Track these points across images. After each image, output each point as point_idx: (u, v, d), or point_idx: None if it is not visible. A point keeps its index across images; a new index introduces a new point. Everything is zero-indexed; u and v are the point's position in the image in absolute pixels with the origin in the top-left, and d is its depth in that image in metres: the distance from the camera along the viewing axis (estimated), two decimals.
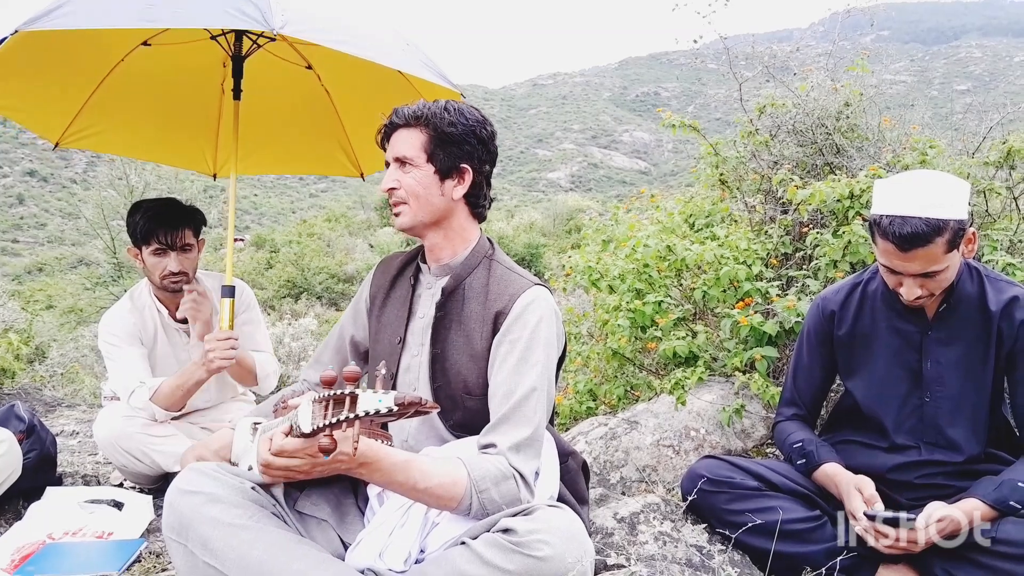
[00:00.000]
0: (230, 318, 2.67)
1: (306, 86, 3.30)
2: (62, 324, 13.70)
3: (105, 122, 3.21)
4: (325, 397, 1.25)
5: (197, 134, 3.49)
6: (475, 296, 1.80)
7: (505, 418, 1.65)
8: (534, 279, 1.82)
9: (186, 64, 3.13)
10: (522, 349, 1.70)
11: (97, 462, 3.35)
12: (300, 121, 3.50)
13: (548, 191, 78.32)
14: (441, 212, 1.81)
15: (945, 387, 2.05)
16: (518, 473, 1.60)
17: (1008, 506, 1.84)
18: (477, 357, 1.77)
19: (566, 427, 3.42)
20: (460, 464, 1.56)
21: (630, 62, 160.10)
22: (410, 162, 1.78)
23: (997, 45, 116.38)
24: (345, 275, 26.14)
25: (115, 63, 2.99)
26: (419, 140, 1.78)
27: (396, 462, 1.47)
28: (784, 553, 2.00)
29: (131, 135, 3.44)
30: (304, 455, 1.40)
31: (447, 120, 1.77)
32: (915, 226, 1.82)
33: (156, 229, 2.74)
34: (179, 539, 1.52)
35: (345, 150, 3.59)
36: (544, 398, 1.69)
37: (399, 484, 1.50)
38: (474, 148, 1.81)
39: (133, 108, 3.23)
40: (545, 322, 1.74)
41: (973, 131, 3.58)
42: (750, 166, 3.82)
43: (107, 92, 3.05)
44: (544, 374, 1.70)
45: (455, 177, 1.80)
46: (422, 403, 1.22)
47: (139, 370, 2.80)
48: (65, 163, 65.24)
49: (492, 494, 1.55)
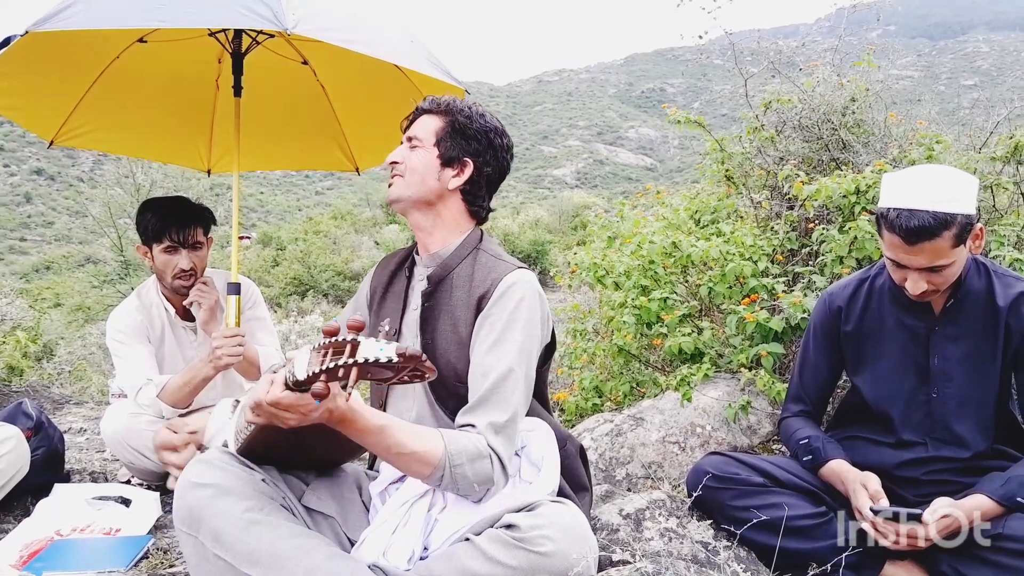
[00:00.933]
0: (236, 315, 2.68)
1: (302, 82, 3.31)
2: (70, 322, 13.75)
3: (100, 120, 3.21)
4: (325, 344, 1.23)
5: (191, 131, 3.50)
6: (461, 284, 1.82)
7: (483, 399, 1.65)
8: (517, 263, 1.84)
9: (181, 61, 3.13)
10: (500, 329, 1.71)
11: (105, 459, 3.37)
12: (296, 117, 3.51)
13: (554, 188, 78.23)
14: (432, 195, 1.84)
15: (952, 383, 2.04)
16: (495, 454, 1.60)
17: (1015, 502, 1.83)
18: (464, 344, 1.77)
19: (572, 424, 3.42)
20: (438, 436, 1.56)
21: (635, 58, 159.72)
22: (419, 142, 1.85)
23: (1005, 40, 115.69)
24: (351, 272, 26.13)
25: (110, 61, 2.99)
26: (435, 125, 1.86)
27: (371, 426, 1.47)
28: (790, 549, 1.99)
29: (125, 132, 3.44)
30: (296, 409, 1.35)
31: (465, 114, 1.86)
32: (922, 219, 1.81)
33: (167, 227, 2.76)
34: (190, 531, 1.52)
35: (340, 145, 3.60)
36: (522, 380, 1.69)
37: (371, 445, 1.51)
38: (482, 148, 1.86)
39: (127, 106, 3.23)
40: (527, 303, 1.74)
41: (980, 126, 3.57)
42: (756, 162, 3.82)
43: (102, 90, 3.05)
44: (523, 356, 1.70)
45: (455, 167, 1.85)
46: (422, 359, 1.20)
47: (146, 367, 2.81)
48: (72, 161, 65.42)
49: (465, 470, 1.55)
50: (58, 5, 2.16)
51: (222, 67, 3.27)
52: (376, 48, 2.41)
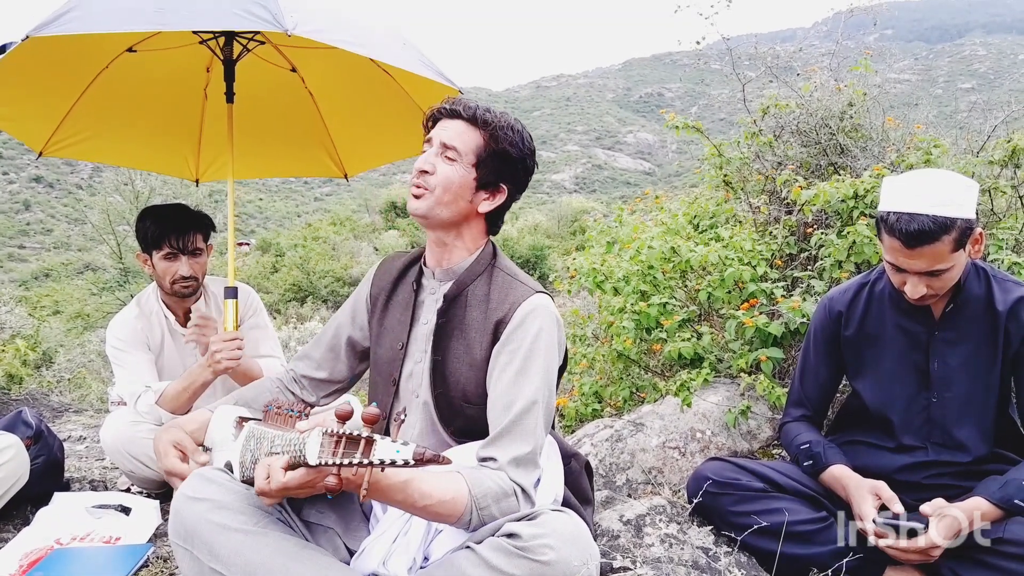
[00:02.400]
0: (234, 319, 2.67)
1: (290, 89, 3.30)
2: (69, 329, 13.76)
3: (89, 130, 3.20)
4: (339, 433, 1.20)
5: (180, 140, 3.49)
6: (477, 304, 1.78)
7: (505, 431, 1.61)
8: (536, 286, 1.79)
9: (169, 71, 3.12)
10: (522, 360, 1.67)
11: (104, 467, 3.36)
12: (284, 124, 3.49)
13: (552, 193, 78.34)
14: (460, 216, 1.77)
15: (952, 387, 2.04)
16: (519, 488, 1.57)
17: (1014, 505, 1.83)
18: (476, 366, 1.74)
19: (572, 429, 3.42)
20: (461, 480, 1.51)
21: (634, 63, 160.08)
22: (458, 156, 1.73)
23: (1002, 43, 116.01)
24: (350, 278, 26.16)
25: (99, 70, 2.97)
26: (475, 141, 1.74)
27: (394, 483, 1.41)
28: (790, 555, 1.99)
29: (114, 143, 3.43)
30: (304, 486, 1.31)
31: (509, 139, 1.75)
32: (922, 223, 1.82)
33: (167, 234, 2.75)
34: (185, 545, 1.51)
35: (328, 151, 3.59)
36: (544, 411, 1.66)
37: (398, 502, 1.45)
38: (517, 174, 1.80)
39: (116, 116, 3.22)
40: (546, 331, 1.71)
41: (978, 130, 3.57)
42: (754, 167, 3.82)
43: (91, 100, 3.04)
44: (544, 386, 1.67)
45: (490, 192, 1.78)
46: (439, 460, 1.18)
47: (146, 375, 2.81)
48: (71, 169, 65.51)
49: (492, 510, 1.53)
50: (57, 10, 2.16)
51: (210, 76, 3.26)
52: (371, 49, 2.40)
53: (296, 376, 2.05)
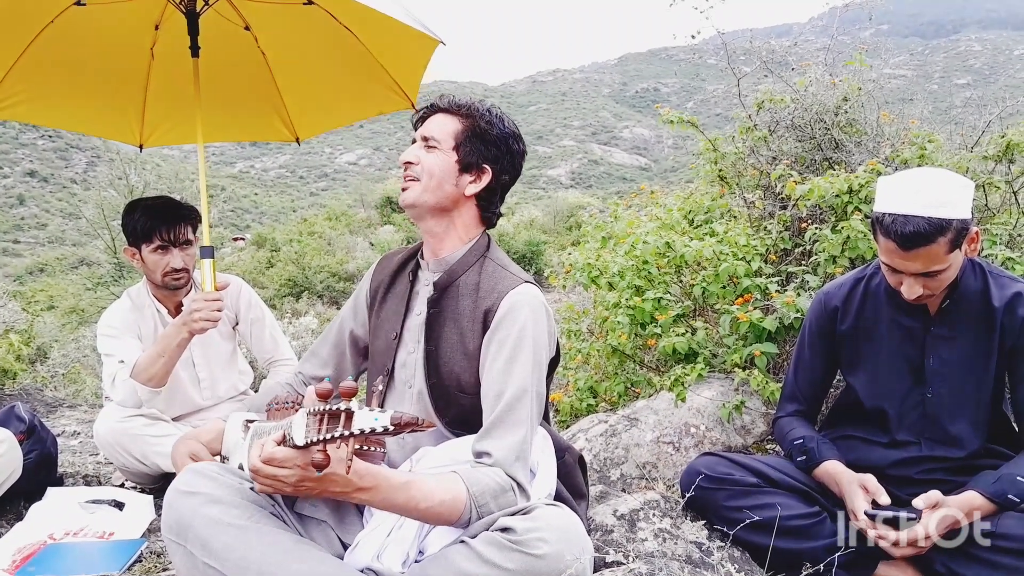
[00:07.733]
0: (212, 280, 2.60)
1: (242, 48, 3.19)
2: (63, 324, 13.70)
3: (30, 90, 3.07)
4: (320, 411, 1.22)
5: (124, 103, 3.35)
6: (468, 293, 1.80)
7: (498, 421, 1.63)
8: (524, 276, 1.81)
9: (116, 26, 2.99)
10: (511, 349, 1.69)
11: (98, 462, 3.35)
12: (234, 85, 3.36)
13: (548, 188, 78.28)
14: (448, 201, 1.80)
15: (947, 383, 2.04)
16: (515, 483, 1.59)
17: (1007, 499, 1.84)
18: (470, 355, 1.76)
19: (567, 424, 3.42)
20: (459, 480, 1.53)
21: (629, 58, 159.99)
22: (437, 144, 1.79)
23: (997, 38, 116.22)
24: (346, 273, 26.12)
25: (43, 25, 2.82)
26: (453, 127, 1.80)
27: (395, 484, 1.43)
28: (783, 549, 2.00)
29: (56, 104, 3.29)
30: (294, 466, 1.34)
31: (486, 119, 1.81)
32: (918, 225, 1.80)
33: (157, 226, 2.73)
34: (178, 540, 1.51)
35: (280, 115, 3.50)
36: (535, 399, 1.68)
37: (399, 506, 1.46)
38: (501, 154, 1.82)
39: (59, 75, 3.08)
40: (533, 320, 1.72)
41: (972, 125, 3.57)
42: (749, 162, 3.82)
43: (32, 57, 2.91)
44: (534, 374, 1.69)
45: (474, 173, 1.81)
46: (418, 423, 1.20)
47: (131, 359, 2.77)
48: (65, 163, 65.21)
49: (491, 507, 1.54)
50: None
51: (159, 34, 3.11)
52: None
53: (305, 378, 2.06)
